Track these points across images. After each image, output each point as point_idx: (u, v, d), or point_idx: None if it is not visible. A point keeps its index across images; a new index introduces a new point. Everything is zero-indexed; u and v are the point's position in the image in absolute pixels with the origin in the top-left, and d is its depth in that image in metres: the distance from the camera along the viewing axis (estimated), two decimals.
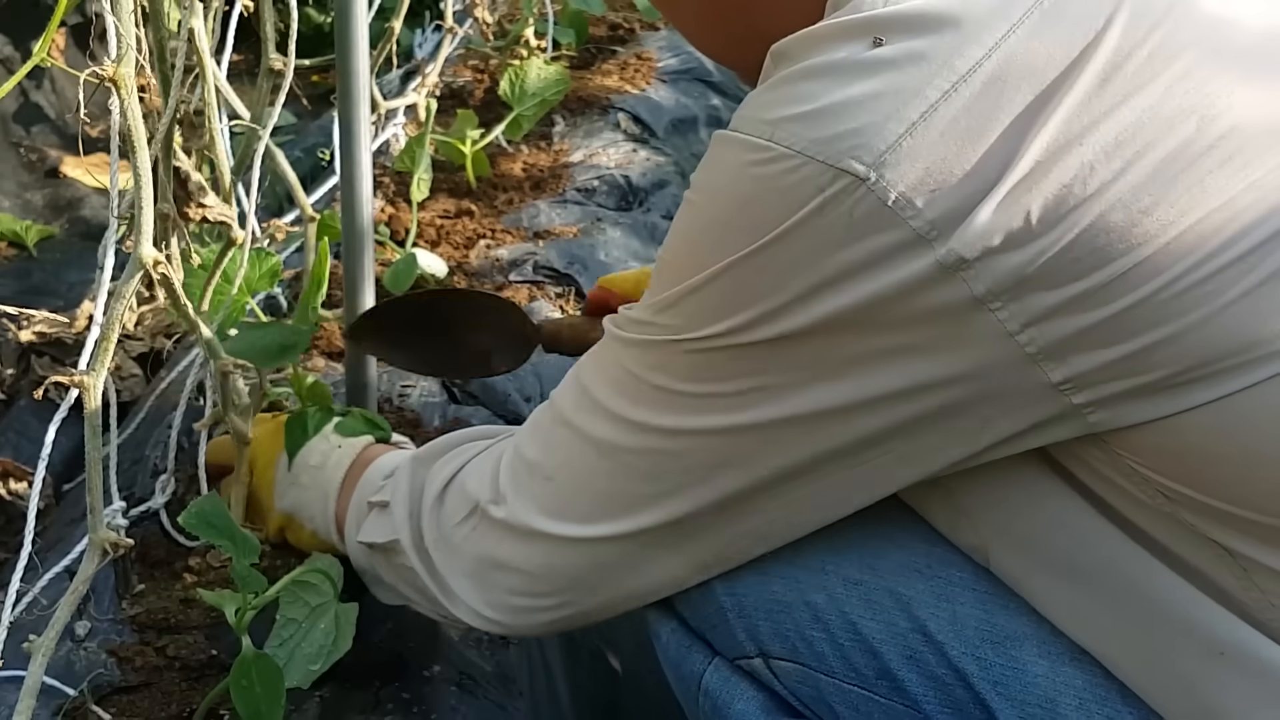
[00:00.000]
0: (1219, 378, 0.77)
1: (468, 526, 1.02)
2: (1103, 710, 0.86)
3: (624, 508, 0.93)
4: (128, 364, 1.58)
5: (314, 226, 1.64)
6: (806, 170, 0.78)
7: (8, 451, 1.48)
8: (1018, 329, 0.77)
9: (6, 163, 2.32)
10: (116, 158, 0.95)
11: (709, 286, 0.84)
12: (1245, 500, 0.79)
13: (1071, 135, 0.75)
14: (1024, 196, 0.75)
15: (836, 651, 0.91)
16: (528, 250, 1.98)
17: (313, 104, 2.27)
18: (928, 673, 0.89)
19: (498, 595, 1.00)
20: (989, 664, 0.88)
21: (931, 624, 0.89)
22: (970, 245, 0.76)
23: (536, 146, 2.33)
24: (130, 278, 0.94)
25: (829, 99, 0.78)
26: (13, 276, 2.04)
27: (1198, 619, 0.82)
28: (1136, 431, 0.80)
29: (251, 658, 1.10)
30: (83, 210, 2.28)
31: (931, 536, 0.92)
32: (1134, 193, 0.75)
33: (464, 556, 1.02)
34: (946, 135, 0.76)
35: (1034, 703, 0.87)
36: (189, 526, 1.13)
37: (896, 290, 0.78)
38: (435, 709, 1.18)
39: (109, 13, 0.87)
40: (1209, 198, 0.75)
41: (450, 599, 1.04)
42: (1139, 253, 0.75)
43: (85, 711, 1.14)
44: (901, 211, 0.76)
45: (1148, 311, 0.76)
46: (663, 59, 2.72)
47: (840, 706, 0.91)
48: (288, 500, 1.27)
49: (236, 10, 1.34)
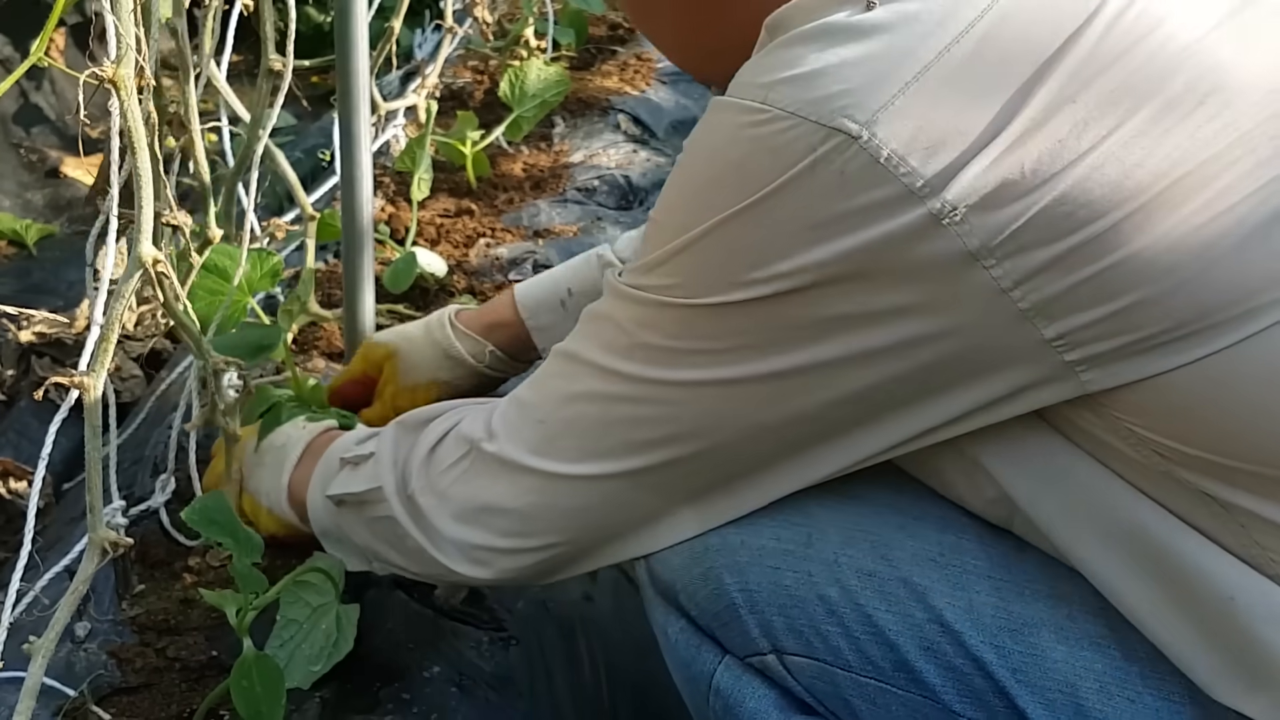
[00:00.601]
0: (1211, 332, 0.77)
1: (459, 469, 1.02)
2: (1124, 692, 0.86)
3: (611, 451, 0.94)
4: (128, 364, 1.58)
5: (314, 225, 1.64)
6: (799, 130, 0.79)
7: (8, 451, 1.48)
8: (1011, 285, 0.78)
9: (6, 163, 2.32)
10: (116, 158, 0.94)
11: (700, 244, 0.85)
12: (1241, 453, 0.80)
13: (1065, 93, 0.76)
14: (1018, 152, 0.76)
15: (852, 645, 0.91)
16: (528, 249, 1.98)
17: (312, 104, 2.26)
18: (946, 663, 0.89)
19: (486, 537, 1.00)
20: (1007, 652, 0.88)
21: (948, 613, 0.89)
22: (963, 197, 0.76)
23: (536, 147, 2.33)
24: (130, 277, 0.94)
25: (822, 61, 0.79)
26: (13, 276, 2.04)
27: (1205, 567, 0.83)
28: (1131, 390, 0.80)
29: (252, 658, 1.10)
30: (83, 209, 2.29)
31: (944, 524, 0.92)
32: (1125, 147, 0.76)
33: (453, 500, 1.02)
34: (940, 94, 0.77)
35: (1054, 689, 0.87)
36: (192, 523, 1.13)
37: (887, 242, 0.79)
38: (435, 709, 1.18)
39: (109, 12, 0.87)
40: (1198, 151, 0.76)
41: (437, 544, 1.03)
42: (1130, 204, 0.76)
43: (85, 712, 1.14)
44: (894, 168, 0.77)
45: (1140, 265, 0.77)
46: (663, 60, 2.72)
47: (857, 700, 0.91)
48: (251, 481, 1.29)
49: (236, 10, 1.34)
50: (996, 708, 0.88)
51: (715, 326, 0.87)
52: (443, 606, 1.29)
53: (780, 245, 0.82)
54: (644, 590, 1.01)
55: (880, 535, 0.92)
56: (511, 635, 1.28)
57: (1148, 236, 0.76)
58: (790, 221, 0.81)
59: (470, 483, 1.01)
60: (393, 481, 1.06)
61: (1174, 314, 0.77)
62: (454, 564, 1.03)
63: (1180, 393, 0.79)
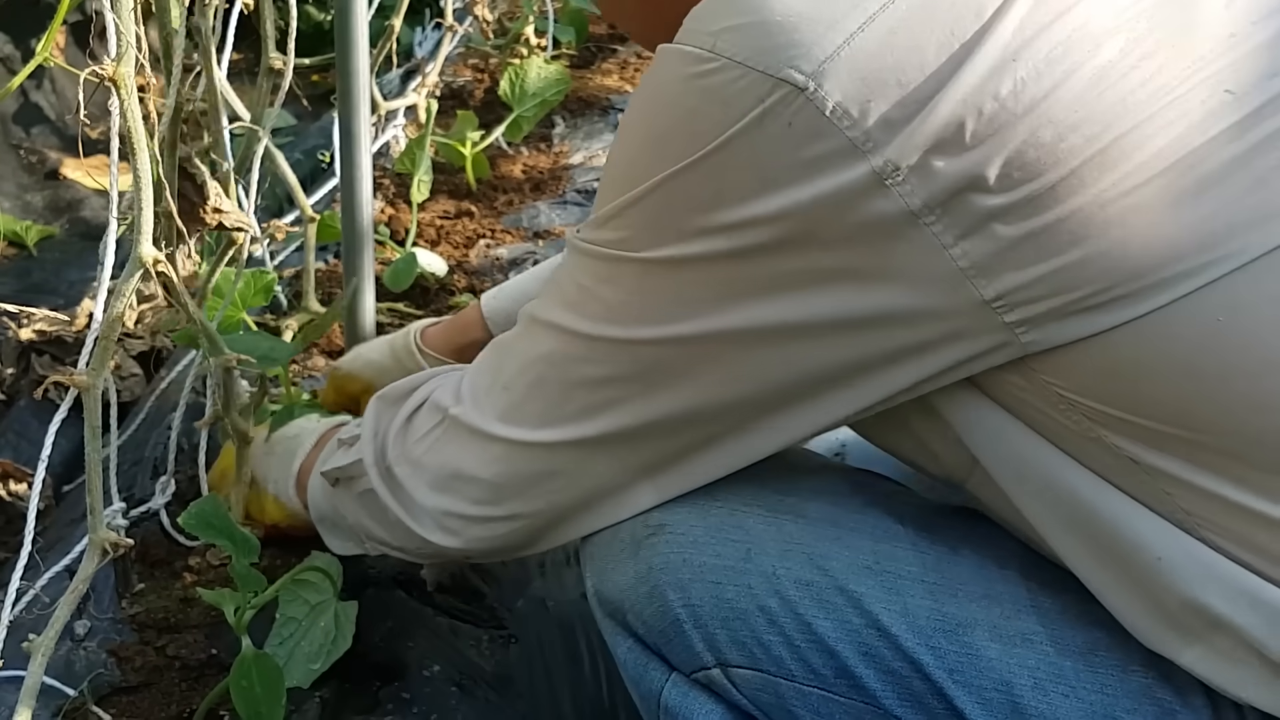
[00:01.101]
0: (1144, 293, 0.78)
1: (432, 437, 1.03)
2: (1058, 688, 0.87)
3: (572, 415, 0.95)
4: (128, 364, 1.58)
5: (314, 227, 1.64)
6: (747, 80, 0.80)
7: (8, 452, 1.48)
8: (951, 242, 0.79)
9: (6, 164, 2.32)
10: (116, 158, 0.94)
11: (652, 196, 0.85)
12: (1167, 417, 0.81)
13: (1006, 53, 0.77)
14: (959, 110, 0.77)
15: (794, 654, 0.91)
16: (527, 249, 1.98)
17: (312, 104, 2.26)
18: (884, 667, 0.89)
19: (459, 504, 1.01)
20: (943, 652, 0.89)
21: (884, 618, 0.90)
22: (904, 155, 0.77)
23: (536, 148, 2.33)
24: (130, 277, 0.94)
25: (770, 11, 0.80)
26: (13, 276, 2.04)
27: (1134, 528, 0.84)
28: (1064, 352, 0.81)
29: (251, 657, 1.10)
30: (83, 211, 2.28)
31: (878, 533, 0.94)
32: (1063, 109, 0.77)
33: (427, 468, 1.03)
34: (884, 47, 0.78)
35: (990, 687, 0.88)
36: (188, 527, 1.13)
37: (833, 198, 0.79)
38: (435, 709, 1.18)
39: (109, 11, 0.87)
40: (1132, 114, 0.77)
41: (413, 514, 1.04)
42: (1065, 166, 0.77)
43: (85, 712, 1.14)
44: (838, 121, 0.78)
45: (1076, 224, 0.78)
46: None
47: (801, 710, 0.92)
48: (258, 469, 1.30)
49: (236, 10, 1.34)
50: (936, 709, 0.89)
51: (667, 281, 0.87)
52: (441, 603, 1.29)
53: (730, 197, 0.82)
54: (594, 610, 1.02)
55: (816, 547, 0.93)
56: (511, 634, 1.28)
57: (1083, 197, 0.77)
58: (739, 173, 0.81)
59: (442, 450, 1.02)
60: (371, 453, 1.07)
61: (1107, 275, 0.78)
62: (428, 533, 1.03)
63: (1110, 354, 0.81)
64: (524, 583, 1.33)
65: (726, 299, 0.86)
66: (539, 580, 1.34)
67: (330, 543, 1.21)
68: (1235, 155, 0.78)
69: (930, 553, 0.93)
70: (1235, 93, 0.79)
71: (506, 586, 1.32)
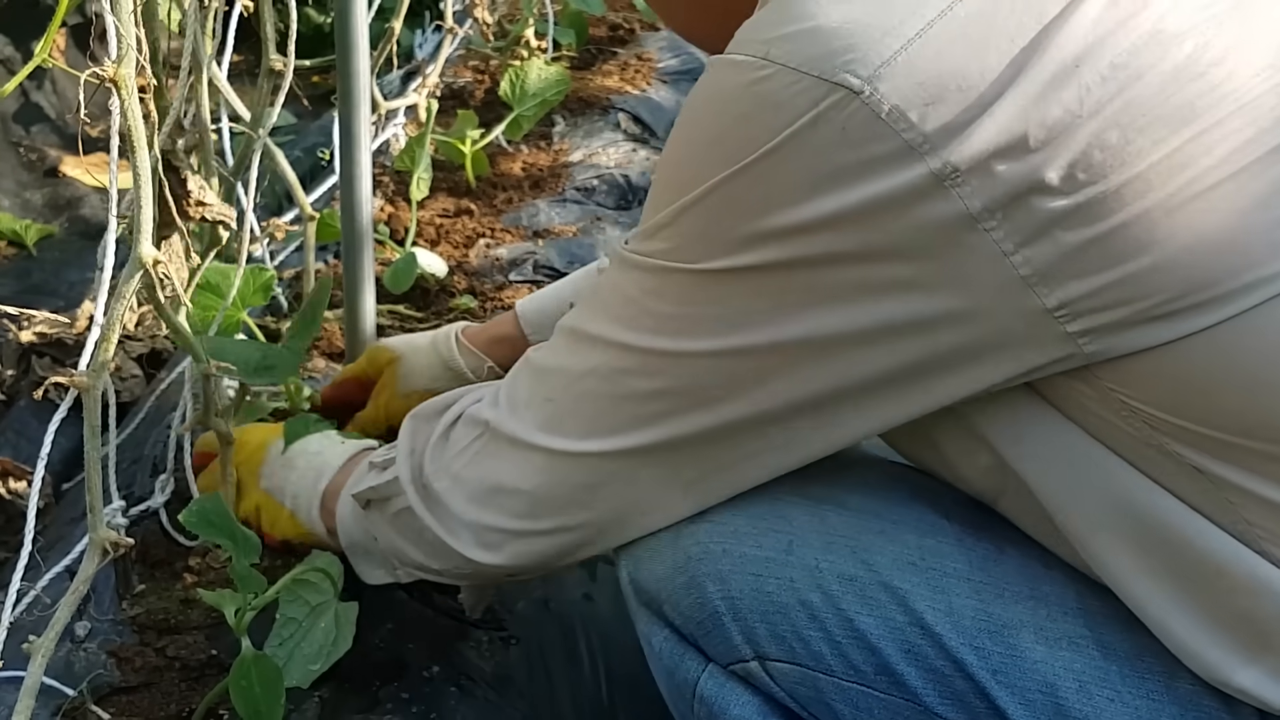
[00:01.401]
0: (1213, 304, 0.77)
1: (472, 450, 1.02)
2: (1103, 691, 0.86)
3: (620, 426, 0.93)
4: (128, 364, 1.58)
5: (313, 226, 1.64)
6: (801, 85, 0.79)
7: (7, 451, 1.48)
8: (1012, 249, 0.78)
9: (6, 162, 2.32)
10: (116, 158, 0.94)
11: (702, 204, 0.84)
12: (1235, 427, 0.80)
13: (1070, 58, 0.76)
14: (1020, 114, 0.76)
15: (834, 650, 0.91)
16: (527, 249, 1.98)
17: (313, 104, 2.26)
18: (927, 665, 0.89)
19: (499, 518, 1.00)
20: (987, 653, 0.88)
21: (928, 616, 0.89)
22: (964, 157, 0.76)
23: (536, 146, 2.33)
24: (130, 277, 0.94)
25: (826, 17, 0.79)
26: (13, 276, 2.04)
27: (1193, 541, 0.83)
28: (1126, 362, 0.80)
29: (251, 658, 1.10)
30: (82, 210, 2.28)
31: (923, 528, 0.93)
32: (1130, 112, 0.76)
33: (466, 482, 1.02)
34: (943, 52, 0.77)
35: (1034, 689, 0.87)
36: (189, 525, 1.13)
37: (889, 200, 0.78)
38: (435, 709, 1.18)
39: (109, 13, 0.87)
40: (1200, 118, 0.76)
41: (452, 530, 1.02)
42: (1131, 168, 0.76)
43: (85, 712, 1.14)
44: (895, 124, 0.77)
45: (1140, 230, 0.77)
46: (663, 59, 2.72)
47: (840, 705, 0.91)
48: (274, 480, 1.27)
49: (236, 10, 1.34)
50: (978, 709, 0.88)
51: (720, 292, 0.86)
52: (441, 603, 1.29)
53: (782, 202, 0.81)
54: (628, 600, 1.01)
55: (860, 540, 0.92)
56: (511, 635, 1.28)
57: (1149, 202, 0.76)
58: (792, 177, 0.80)
59: (482, 464, 1.01)
60: (408, 470, 1.06)
61: (1175, 284, 0.77)
62: (467, 550, 1.02)
63: (1178, 365, 0.79)
64: (524, 584, 1.33)
65: (780, 310, 0.85)
66: (539, 581, 1.34)
67: (360, 570, 1.19)
68: None
69: (976, 550, 0.92)
70: None
71: (507, 588, 1.32)
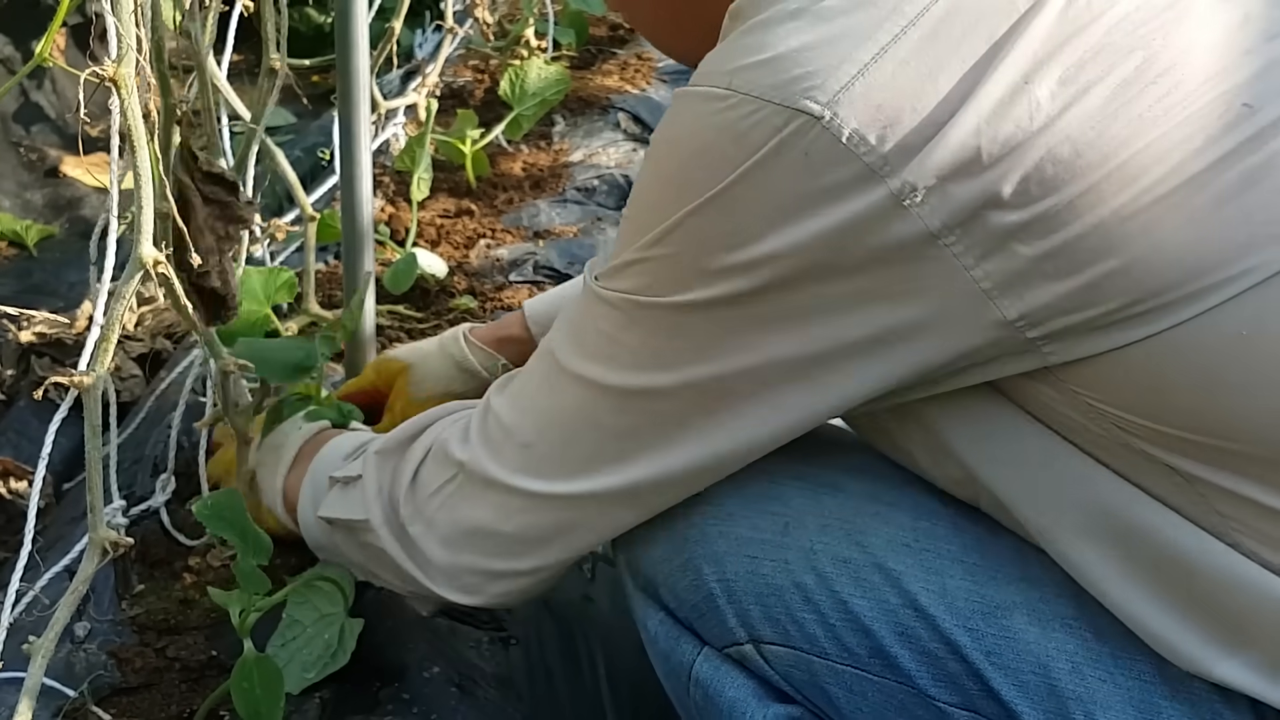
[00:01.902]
0: (1168, 308, 0.79)
1: (445, 493, 1.02)
2: (1095, 672, 0.87)
3: (602, 466, 0.94)
4: (128, 364, 1.58)
5: (314, 226, 1.64)
6: (763, 114, 0.80)
7: (8, 451, 1.48)
8: (973, 263, 0.79)
9: (6, 162, 2.31)
10: (116, 157, 0.94)
11: (671, 237, 0.86)
12: (1198, 427, 0.81)
13: (1020, 72, 0.78)
14: (974, 132, 0.77)
15: (828, 632, 0.91)
16: (528, 250, 1.98)
17: (313, 104, 2.26)
18: (920, 647, 0.89)
19: (478, 560, 1.01)
20: (981, 634, 0.89)
21: (922, 598, 0.90)
22: (922, 176, 0.78)
23: (536, 146, 2.33)
24: (130, 278, 0.94)
25: (784, 46, 0.81)
26: (13, 276, 2.04)
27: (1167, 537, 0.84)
28: (1090, 364, 0.82)
29: (253, 659, 1.10)
30: (83, 210, 2.28)
31: (918, 510, 0.93)
32: (1079, 126, 0.78)
33: (440, 525, 1.02)
34: (897, 75, 0.78)
35: (1027, 670, 0.88)
36: (202, 518, 1.12)
37: (853, 224, 0.80)
38: (435, 709, 1.18)
39: (109, 13, 0.87)
40: (1149, 129, 0.78)
41: (427, 572, 1.03)
42: (1084, 181, 0.78)
43: (86, 713, 1.14)
44: (855, 148, 0.78)
45: (1096, 240, 0.78)
46: (663, 59, 2.72)
47: (834, 688, 0.92)
48: (257, 479, 1.30)
49: (236, 10, 1.34)
50: (971, 691, 0.89)
51: (693, 324, 0.87)
52: (453, 611, 1.29)
53: (749, 231, 0.82)
54: (625, 584, 1.02)
55: (856, 522, 0.93)
56: (511, 635, 1.28)
57: (1103, 212, 0.78)
58: (758, 206, 0.82)
59: (458, 507, 1.01)
60: (380, 513, 1.06)
61: (1131, 290, 0.79)
62: (445, 592, 1.03)
63: (1139, 367, 0.81)
64: None
65: (754, 335, 0.86)
66: None
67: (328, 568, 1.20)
68: (1254, 168, 0.78)
69: (970, 533, 0.92)
70: (1253, 106, 0.79)
71: None
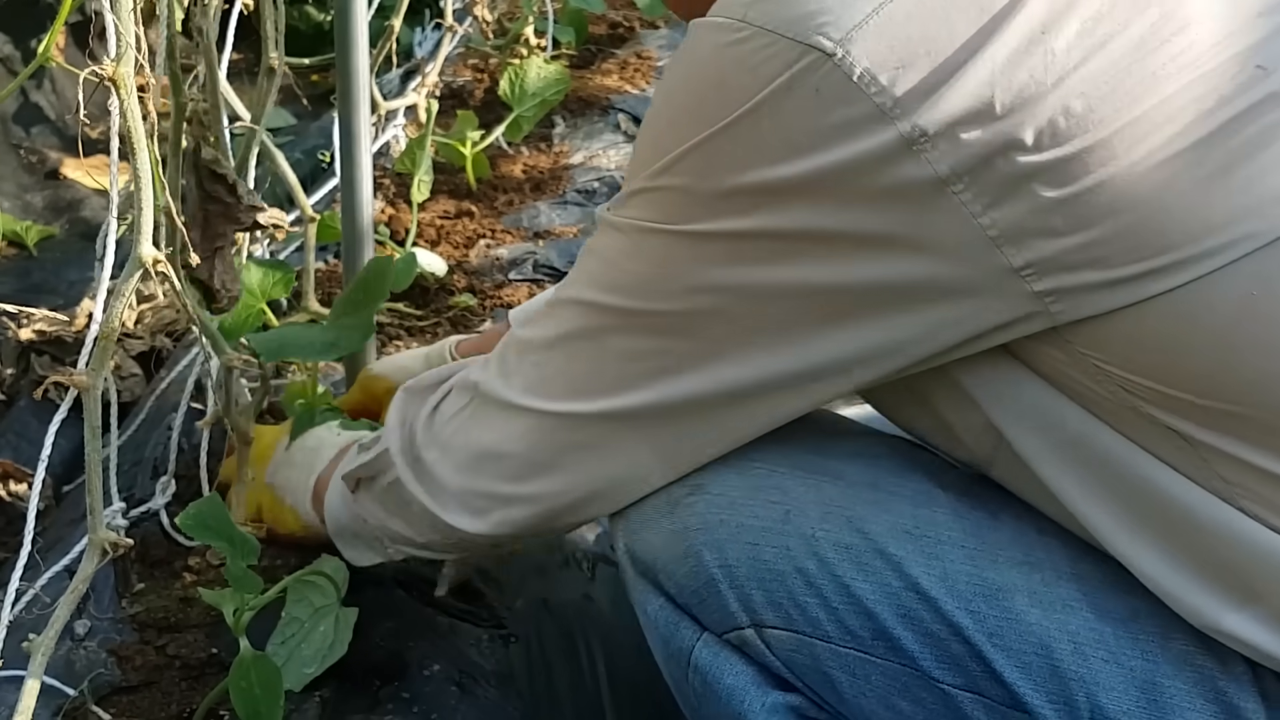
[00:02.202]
0: (1176, 268, 0.79)
1: (461, 417, 1.03)
2: (1098, 652, 0.88)
3: (605, 388, 0.95)
4: (128, 364, 1.58)
5: (314, 227, 1.64)
6: (776, 47, 0.81)
7: (7, 453, 1.48)
8: (980, 211, 0.80)
9: (6, 164, 2.31)
10: (116, 158, 0.95)
11: (680, 165, 0.86)
12: (1202, 389, 0.82)
13: (1037, 23, 0.78)
14: (989, 80, 0.78)
15: (831, 615, 0.92)
16: (528, 249, 1.98)
17: (313, 104, 2.26)
18: (923, 629, 0.90)
19: (486, 483, 1.01)
20: (983, 616, 0.89)
21: (924, 581, 0.90)
22: (932, 122, 0.78)
23: (536, 148, 2.33)
24: (130, 277, 0.94)
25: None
26: (13, 276, 2.04)
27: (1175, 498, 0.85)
28: (1096, 324, 0.82)
29: (250, 658, 1.10)
30: (83, 211, 2.28)
31: (918, 498, 0.94)
32: (1093, 80, 0.78)
33: (455, 449, 1.03)
34: (912, 17, 0.79)
35: (1030, 651, 0.88)
36: (187, 529, 1.13)
37: (859, 163, 0.80)
38: (435, 709, 1.18)
39: (109, 12, 0.87)
40: (1162, 86, 0.78)
41: (439, 500, 1.04)
42: (1095, 134, 0.78)
43: (85, 711, 1.14)
44: (866, 87, 0.79)
45: (1105, 195, 0.78)
46: (663, 58, 2.72)
47: (836, 672, 0.92)
48: (278, 476, 1.30)
49: (236, 10, 1.34)
50: (974, 672, 0.89)
51: (699, 252, 0.88)
52: (441, 603, 1.29)
53: (758, 161, 0.83)
54: (624, 570, 1.02)
55: (856, 510, 0.93)
56: (511, 633, 1.28)
57: (1113, 168, 0.78)
58: (767, 138, 0.82)
59: (470, 430, 1.02)
60: (398, 441, 1.07)
61: (1138, 248, 0.79)
62: (454, 518, 1.03)
63: (1147, 328, 0.81)
64: (524, 583, 1.33)
65: (758, 268, 0.86)
66: (539, 580, 1.34)
67: (348, 553, 1.20)
68: (1265, 129, 0.79)
69: (969, 518, 0.93)
70: (1266, 69, 0.80)
71: (506, 587, 1.33)
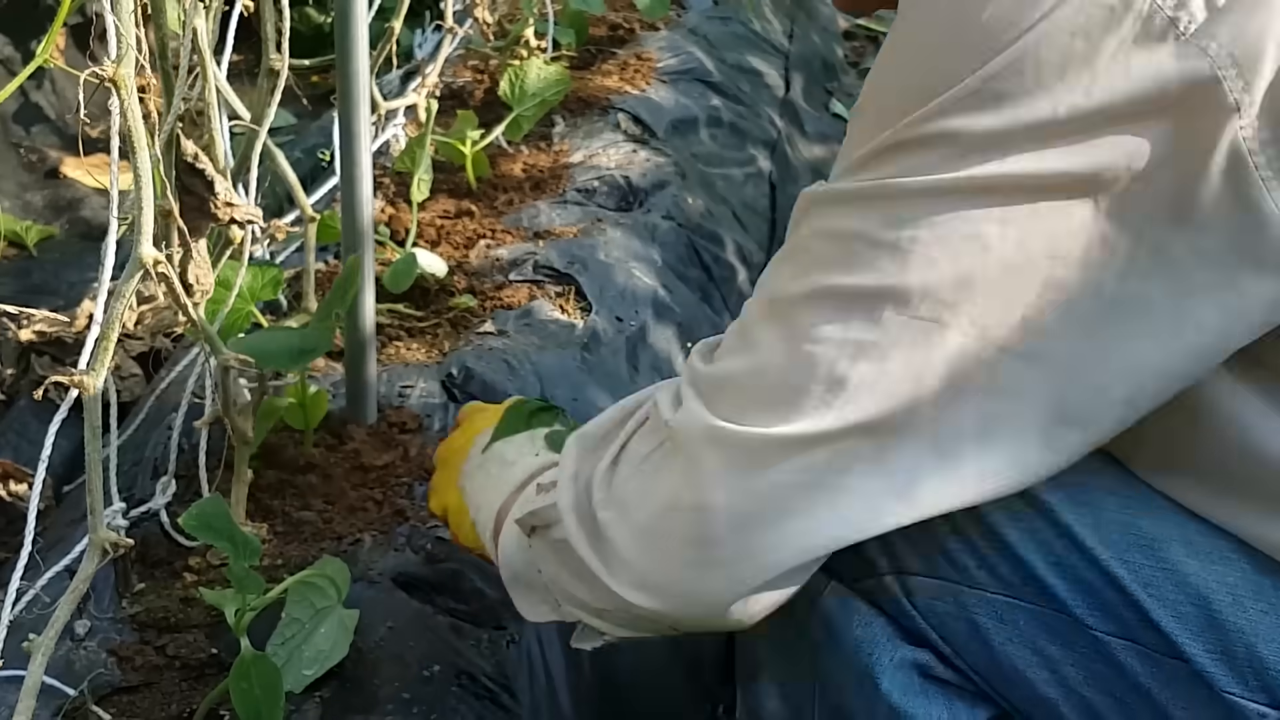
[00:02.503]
0: None
1: (651, 463, 0.91)
2: (1257, 604, 0.85)
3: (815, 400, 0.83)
4: (127, 363, 1.58)
5: (314, 227, 1.64)
6: None
7: (7, 453, 1.48)
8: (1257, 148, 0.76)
9: (7, 163, 2.32)
10: (116, 158, 0.95)
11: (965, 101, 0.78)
12: None
13: None
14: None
15: (980, 563, 0.89)
16: (528, 250, 1.98)
17: (313, 104, 2.26)
18: (1075, 576, 0.88)
19: (670, 546, 0.88)
20: (1137, 566, 0.87)
21: (1076, 528, 0.88)
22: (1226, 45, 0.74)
23: (536, 147, 2.33)
24: (130, 277, 0.94)
25: None
26: (13, 276, 2.04)
27: None
28: None
29: (250, 659, 1.10)
30: (83, 211, 2.29)
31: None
32: None
33: (636, 510, 0.90)
34: None
35: (1186, 601, 0.86)
36: (189, 528, 1.12)
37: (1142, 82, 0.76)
38: (435, 709, 1.18)
39: (109, 12, 0.87)
40: None
41: (611, 567, 0.91)
42: None
43: (85, 711, 1.14)
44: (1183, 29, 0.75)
45: None
46: (663, 59, 2.72)
47: (983, 618, 0.90)
48: (469, 481, 1.16)
49: (236, 10, 1.34)
50: (1129, 620, 0.87)
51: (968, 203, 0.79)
52: (441, 603, 1.29)
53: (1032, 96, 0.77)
54: None
55: None
56: (511, 634, 1.28)
57: None
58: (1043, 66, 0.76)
59: (655, 482, 0.89)
60: (570, 496, 0.95)
61: None
62: (628, 591, 0.90)
63: None
64: None
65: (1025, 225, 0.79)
66: None
67: (520, 605, 1.06)
68: None
69: (1120, 467, 0.90)
70: None
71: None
